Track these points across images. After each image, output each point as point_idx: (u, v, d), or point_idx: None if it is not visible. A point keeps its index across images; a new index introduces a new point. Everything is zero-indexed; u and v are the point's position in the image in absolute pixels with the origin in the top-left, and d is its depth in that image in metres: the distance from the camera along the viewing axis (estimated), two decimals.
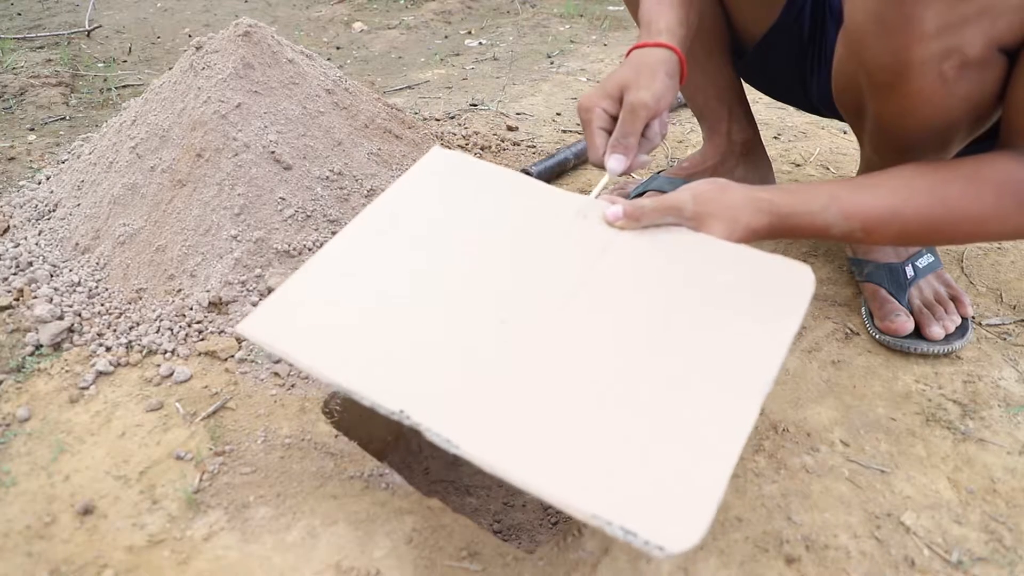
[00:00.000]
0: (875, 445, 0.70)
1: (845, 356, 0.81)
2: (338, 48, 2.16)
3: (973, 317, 0.85)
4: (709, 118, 1.07)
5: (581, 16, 2.41)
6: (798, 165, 1.28)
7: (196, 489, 0.64)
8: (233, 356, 0.79)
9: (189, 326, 0.82)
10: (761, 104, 1.50)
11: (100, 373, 0.77)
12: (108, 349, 0.80)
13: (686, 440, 0.48)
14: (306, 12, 2.54)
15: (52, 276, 0.90)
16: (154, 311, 0.84)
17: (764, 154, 1.10)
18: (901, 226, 0.64)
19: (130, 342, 0.81)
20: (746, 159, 1.07)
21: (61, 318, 0.83)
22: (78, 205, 0.99)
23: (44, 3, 2.55)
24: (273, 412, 0.73)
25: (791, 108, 1.46)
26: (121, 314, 0.84)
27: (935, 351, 0.80)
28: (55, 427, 0.71)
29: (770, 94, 1.06)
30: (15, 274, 0.90)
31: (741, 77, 1.04)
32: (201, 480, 0.65)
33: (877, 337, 0.82)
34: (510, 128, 1.44)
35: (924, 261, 0.86)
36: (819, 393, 0.76)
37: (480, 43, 2.15)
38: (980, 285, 0.93)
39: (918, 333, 0.81)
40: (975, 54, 0.60)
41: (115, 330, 0.82)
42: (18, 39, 2.04)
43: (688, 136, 1.42)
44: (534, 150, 1.34)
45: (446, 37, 2.26)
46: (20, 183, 1.14)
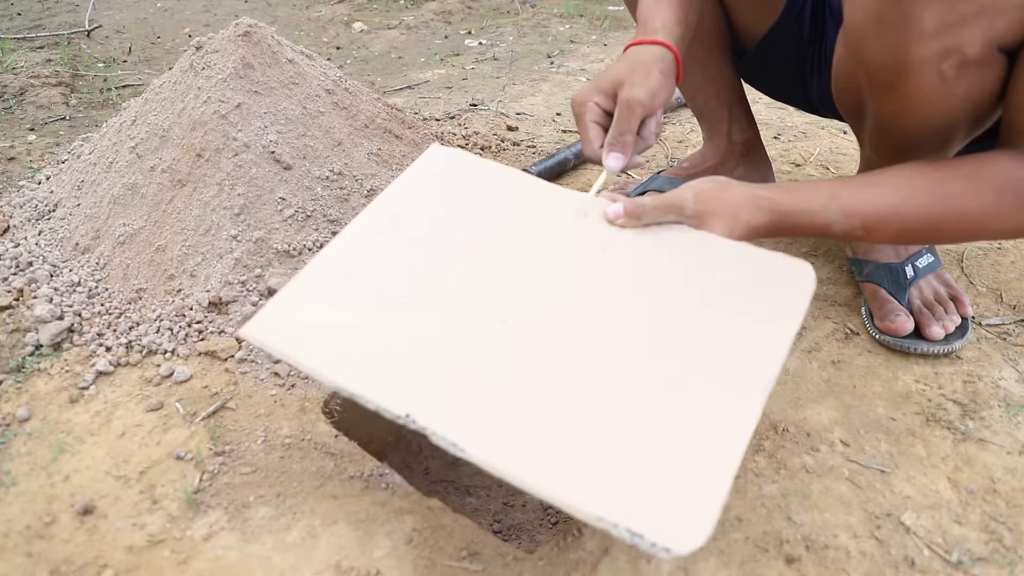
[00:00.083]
0: (875, 445, 0.70)
1: (845, 356, 0.81)
2: (338, 48, 2.16)
3: (973, 317, 0.85)
4: (709, 118, 1.07)
5: (581, 16, 2.41)
6: (798, 165, 1.28)
7: (196, 489, 0.64)
8: (233, 356, 0.79)
9: (189, 326, 0.82)
10: (761, 104, 1.50)
11: (100, 373, 0.77)
12: (108, 349, 0.80)
13: (690, 440, 0.48)
14: (306, 12, 2.54)
15: (52, 276, 0.90)
16: (154, 311, 0.84)
17: (764, 154, 1.10)
18: (901, 224, 0.64)
19: (130, 342, 0.81)
20: (746, 159, 1.07)
21: (61, 318, 0.83)
22: (78, 205, 0.99)
23: (44, 3, 2.55)
24: (273, 412, 0.73)
25: (791, 108, 1.46)
26: (121, 314, 0.84)
27: (935, 351, 0.80)
28: (55, 427, 0.71)
29: (770, 94, 1.06)
30: (15, 274, 0.90)
31: (741, 77, 1.04)
32: (201, 480, 0.65)
33: (877, 337, 0.82)
34: (510, 128, 1.44)
35: (924, 261, 0.86)
36: (819, 393, 0.76)
37: (480, 43, 2.15)
38: (980, 285, 0.93)
39: (918, 333, 0.81)
40: (974, 53, 0.60)
41: (115, 330, 0.82)
42: (18, 39, 2.04)
43: (688, 136, 1.42)
44: (534, 150, 1.34)
45: (446, 37, 2.26)
46: (20, 183, 1.14)
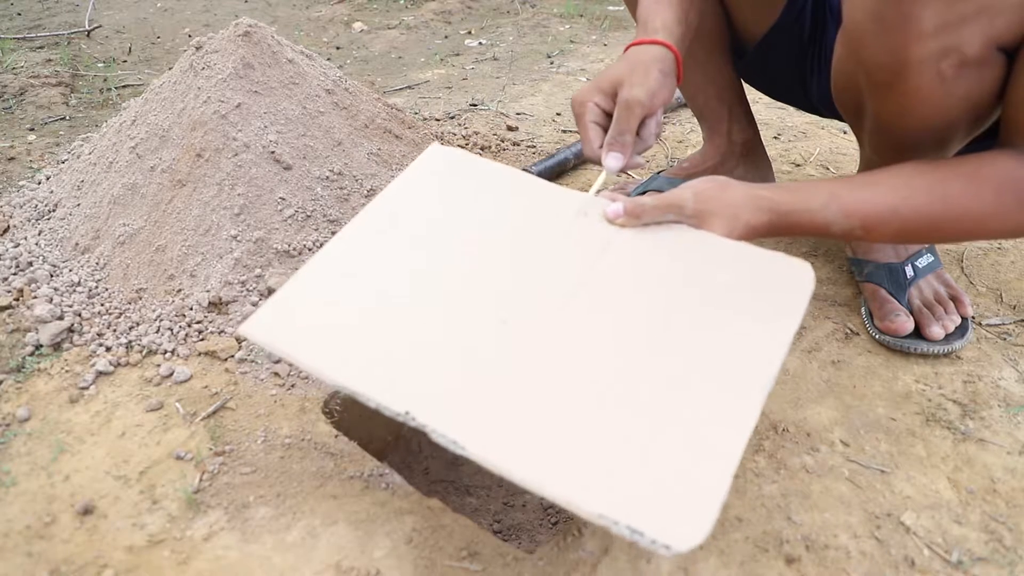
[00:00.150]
0: (875, 445, 0.70)
1: (845, 356, 0.81)
2: (338, 48, 2.16)
3: (973, 317, 0.85)
4: (709, 118, 1.07)
5: (581, 16, 2.41)
6: (798, 165, 1.28)
7: (196, 489, 0.64)
8: (233, 356, 0.79)
9: (189, 326, 0.82)
10: (761, 104, 1.50)
11: (100, 373, 0.77)
12: (108, 349, 0.80)
13: (689, 439, 0.48)
14: (306, 12, 2.54)
15: (52, 276, 0.90)
16: (154, 311, 0.84)
17: (764, 154, 1.10)
18: (901, 224, 0.64)
19: (130, 342, 0.81)
20: (746, 159, 1.07)
21: (61, 318, 0.83)
22: (78, 205, 0.99)
23: (44, 3, 2.55)
24: (273, 412, 0.73)
25: (791, 108, 1.46)
26: (121, 314, 0.84)
27: (935, 351, 0.80)
28: (55, 427, 0.71)
29: (770, 94, 1.06)
30: (15, 274, 0.90)
31: (741, 77, 1.04)
32: (201, 480, 0.65)
33: (877, 337, 0.82)
34: (510, 128, 1.44)
35: (924, 261, 0.86)
36: (819, 393, 0.76)
37: (480, 43, 2.15)
38: (980, 285, 0.93)
39: (918, 333, 0.81)
40: (973, 53, 0.60)
41: (115, 330, 0.82)
42: (18, 39, 2.04)
43: (688, 136, 1.42)
44: (534, 150, 1.34)
45: (446, 37, 2.26)
46: (20, 183, 1.14)
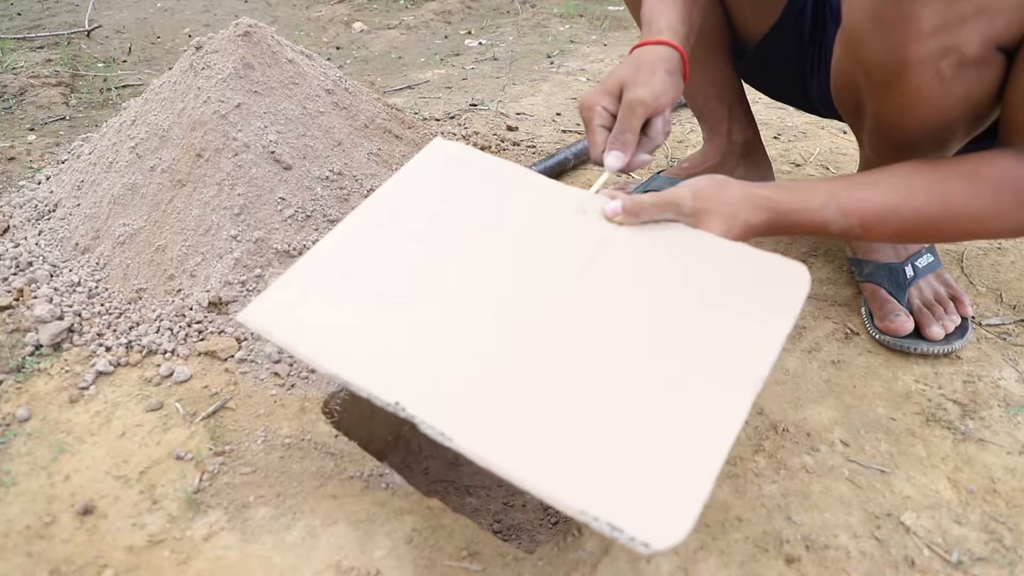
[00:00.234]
0: (875, 445, 0.70)
1: (845, 356, 0.81)
2: (338, 48, 2.16)
3: (973, 317, 0.85)
4: (709, 118, 1.07)
5: (581, 16, 2.41)
6: (798, 165, 1.28)
7: (196, 489, 0.64)
8: (233, 356, 0.79)
9: (189, 326, 0.82)
10: (761, 104, 1.50)
11: (100, 373, 0.77)
12: (108, 349, 0.80)
13: (675, 437, 0.48)
14: (306, 12, 2.54)
15: (52, 276, 0.90)
16: (154, 311, 0.84)
17: (764, 154, 1.10)
18: (899, 223, 0.64)
19: (130, 342, 0.81)
20: (746, 159, 1.07)
21: (61, 318, 0.83)
22: (78, 205, 0.99)
23: (44, 3, 2.55)
24: (273, 412, 0.73)
25: (791, 108, 1.46)
26: (121, 314, 0.84)
27: (935, 351, 0.80)
28: (55, 427, 0.71)
29: (770, 94, 1.06)
30: (15, 274, 0.90)
31: (741, 77, 1.04)
32: (201, 480, 0.65)
33: (877, 337, 0.82)
34: (510, 128, 1.44)
35: (924, 261, 0.86)
36: (819, 393, 0.76)
37: (480, 43, 2.15)
38: (980, 285, 0.93)
39: (918, 333, 0.81)
40: (973, 53, 0.60)
41: (115, 330, 0.82)
42: (18, 39, 2.04)
43: (688, 136, 1.42)
44: (534, 150, 1.34)
45: (446, 37, 2.26)
46: (20, 183, 1.14)
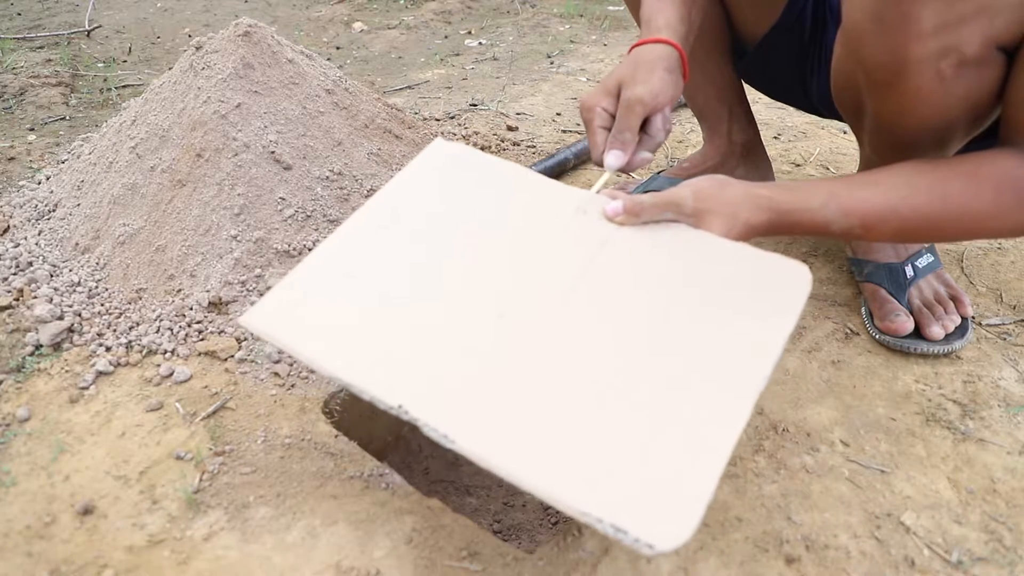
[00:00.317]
0: (875, 445, 0.70)
1: (845, 356, 0.81)
2: (338, 48, 2.16)
3: (973, 317, 0.85)
4: (709, 118, 1.07)
5: (581, 16, 2.41)
6: (798, 165, 1.28)
7: (196, 489, 0.64)
8: (233, 356, 0.79)
9: (189, 326, 0.82)
10: (761, 104, 1.50)
11: (100, 373, 0.77)
12: (108, 349, 0.80)
13: (678, 438, 0.48)
14: (306, 12, 2.54)
15: (52, 276, 0.90)
16: (154, 311, 0.84)
17: (764, 154, 1.10)
18: (900, 223, 0.64)
19: (130, 342, 0.81)
20: (746, 159, 1.07)
21: (61, 318, 0.83)
22: (78, 205, 0.99)
23: (44, 3, 2.55)
24: (273, 412, 0.73)
25: (791, 108, 1.46)
26: (121, 314, 0.84)
27: (935, 351, 0.80)
28: (55, 427, 0.71)
29: (770, 94, 1.06)
30: (15, 274, 0.90)
31: (741, 77, 1.04)
32: (201, 480, 0.65)
33: (877, 337, 0.82)
34: (510, 128, 1.44)
35: (924, 261, 0.86)
36: (819, 393, 0.76)
37: (480, 43, 2.15)
38: (980, 285, 0.93)
39: (918, 333, 0.81)
40: (973, 53, 0.60)
41: (115, 330, 0.82)
42: (18, 39, 2.04)
43: (688, 136, 1.42)
44: (534, 150, 1.34)
45: (446, 37, 2.26)
46: (20, 183, 1.14)
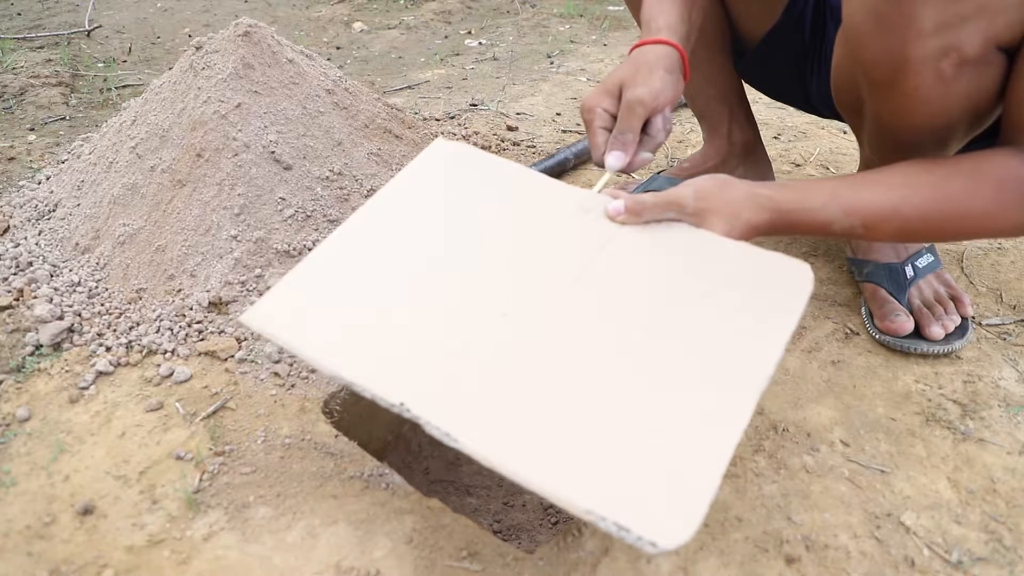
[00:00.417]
0: (875, 445, 0.70)
1: (845, 356, 0.81)
2: (338, 48, 2.16)
3: (973, 317, 0.85)
4: (709, 118, 1.07)
5: (581, 16, 2.41)
6: (798, 165, 1.28)
7: (196, 489, 0.64)
8: (233, 356, 0.79)
9: (189, 326, 0.82)
10: (761, 104, 1.50)
11: (100, 373, 0.77)
12: (108, 349, 0.80)
13: (681, 436, 0.48)
14: (306, 12, 2.54)
15: (52, 276, 0.90)
16: (154, 311, 0.84)
17: (764, 154, 1.10)
18: (902, 222, 0.64)
19: (130, 342, 0.81)
20: (746, 159, 1.07)
21: (61, 318, 0.83)
22: (78, 205, 0.99)
23: (44, 3, 2.55)
24: (273, 412, 0.73)
25: (791, 108, 1.46)
26: (121, 314, 0.84)
27: (935, 351, 0.80)
28: (55, 427, 0.71)
29: (770, 94, 1.06)
30: (15, 274, 0.90)
31: (741, 77, 1.04)
32: (201, 480, 0.65)
33: (877, 337, 0.82)
34: (510, 128, 1.44)
35: (924, 261, 0.86)
36: (819, 393, 0.76)
37: (480, 43, 2.15)
38: (980, 285, 0.93)
39: (918, 333, 0.81)
40: (973, 52, 0.60)
41: (115, 330, 0.82)
42: (18, 39, 2.04)
43: (688, 136, 1.42)
44: (534, 150, 1.34)
45: (446, 37, 2.26)
46: (20, 183, 1.14)
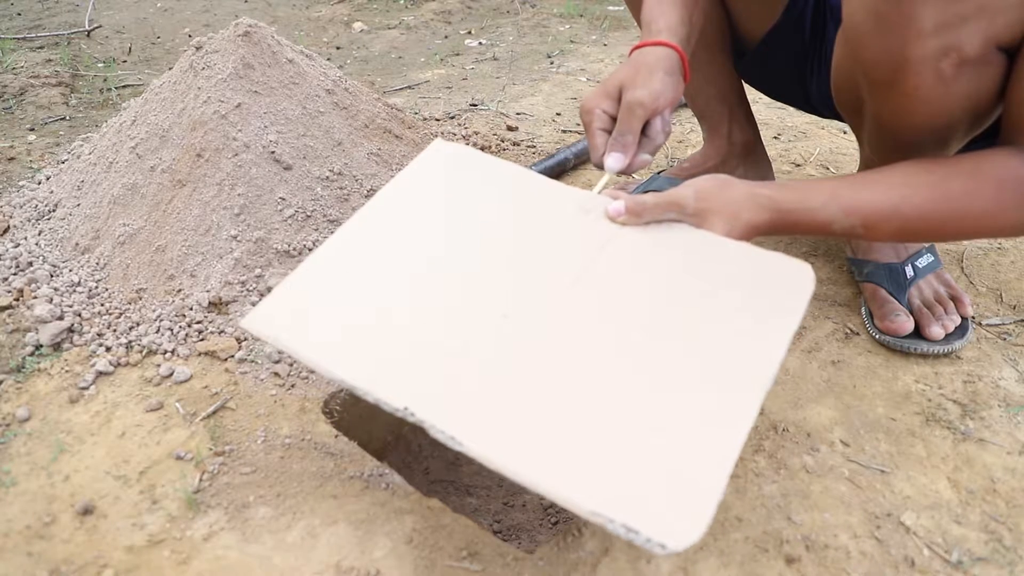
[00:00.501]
0: (875, 445, 0.70)
1: (845, 356, 0.81)
2: (338, 48, 2.16)
3: (973, 317, 0.85)
4: (710, 118, 1.07)
5: (581, 16, 2.41)
6: (798, 165, 1.28)
7: (196, 489, 0.64)
8: (233, 356, 0.79)
9: (189, 326, 0.82)
10: (761, 104, 1.50)
11: (100, 373, 0.77)
12: (108, 349, 0.80)
13: (687, 437, 0.48)
14: (306, 12, 2.54)
15: (52, 276, 0.90)
16: (154, 311, 0.84)
17: (764, 154, 1.10)
18: (902, 222, 0.64)
19: (130, 342, 0.81)
20: (746, 159, 1.07)
21: (61, 318, 0.83)
22: (78, 205, 0.99)
23: (44, 3, 2.55)
24: (273, 412, 0.73)
25: (791, 108, 1.46)
26: (121, 314, 0.84)
27: (935, 351, 0.80)
28: (55, 427, 0.71)
29: (770, 94, 1.06)
30: (15, 274, 0.90)
31: (741, 77, 1.04)
32: (201, 480, 0.65)
33: (877, 337, 0.82)
34: (510, 128, 1.44)
35: (924, 261, 0.86)
36: (819, 393, 0.76)
37: (480, 43, 2.15)
38: (980, 285, 0.93)
39: (918, 333, 0.81)
40: (973, 52, 0.60)
41: (115, 330, 0.82)
42: (18, 39, 2.04)
43: (688, 136, 1.42)
44: (534, 150, 1.34)
45: (446, 37, 2.26)
46: (20, 183, 1.14)
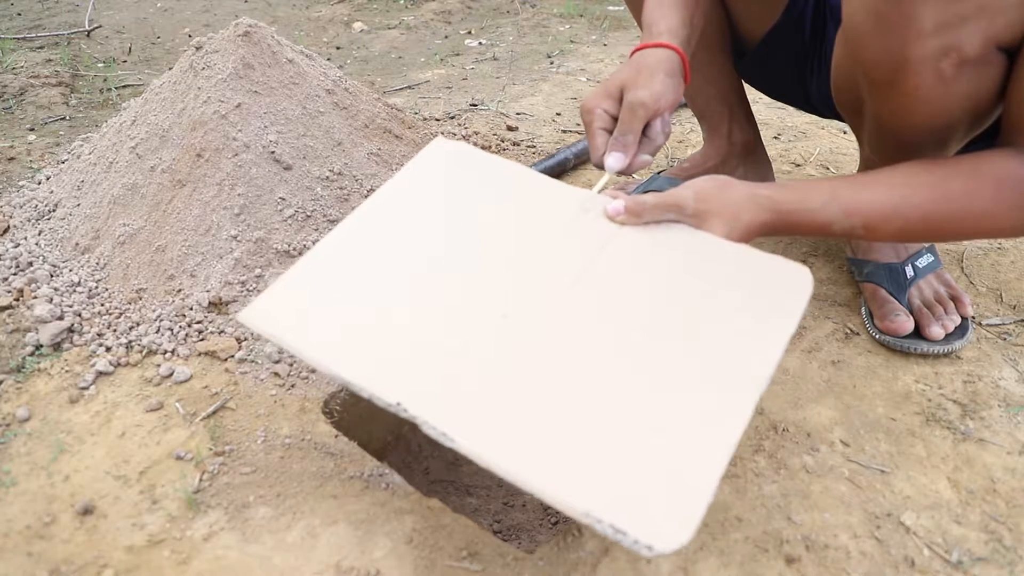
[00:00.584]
0: (875, 445, 0.70)
1: (845, 356, 0.81)
2: (338, 48, 2.16)
3: (973, 317, 0.85)
4: (710, 118, 1.07)
5: (581, 16, 2.41)
6: (798, 165, 1.28)
7: (196, 489, 0.64)
8: (233, 356, 0.79)
9: (189, 326, 0.82)
10: (761, 104, 1.50)
11: (100, 373, 0.77)
12: (108, 349, 0.80)
13: (678, 438, 0.48)
14: (306, 12, 2.54)
15: (52, 276, 0.90)
16: (154, 311, 0.84)
17: (764, 154, 1.10)
18: (902, 223, 0.64)
19: (130, 342, 0.81)
20: (746, 159, 1.07)
21: (61, 318, 0.83)
22: (78, 205, 0.99)
23: (44, 3, 2.55)
24: (273, 412, 0.73)
25: (791, 108, 1.46)
26: (121, 314, 0.84)
27: (935, 351, 0.80)
28: (55, 427, 0.71)
29: (770, 94, 1.06)
30: (15, 274, 0.90)
31: (741, 77, 1.04)
32: (201, 480, 0.65)
33: (877, 337, 0.82)
34: (510, 128, 1.44)
35: (924, 261, 0.86)
36: (819, 393, 0.76)
37: (480, 43, 2.15)
38: (980, 285, 0.93)
39: (918, 333, 0.81)
40: (973, 52, 0.60)
41: (115, 330, 0.82)
42: (18, 39, 2.04)
43: (688, 136, 1.42)
44: (534, 150, 1.34)
45: (446, 37, 2.26)
46: (20, 183, 1.14)
